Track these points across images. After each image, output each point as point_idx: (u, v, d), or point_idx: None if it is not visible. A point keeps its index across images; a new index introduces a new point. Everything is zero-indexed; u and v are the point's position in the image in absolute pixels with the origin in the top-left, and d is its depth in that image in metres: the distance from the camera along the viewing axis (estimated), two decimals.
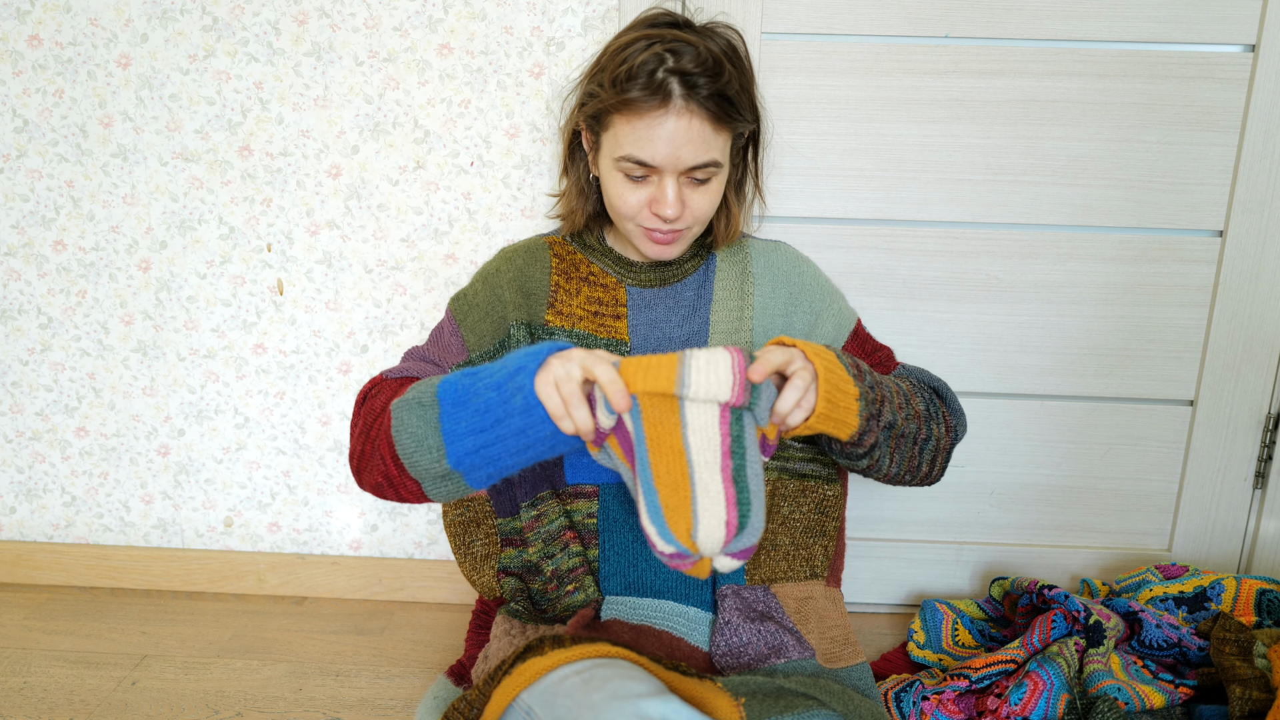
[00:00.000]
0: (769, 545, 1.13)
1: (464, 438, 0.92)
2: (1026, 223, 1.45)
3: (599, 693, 0.85)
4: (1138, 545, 1.58)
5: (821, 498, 1.15)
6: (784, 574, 1.12)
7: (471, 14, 1.41)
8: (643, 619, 1.08)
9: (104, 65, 1.45)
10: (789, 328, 1.15)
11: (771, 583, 1.12)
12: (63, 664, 1.42)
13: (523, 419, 0.90)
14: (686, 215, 1.06)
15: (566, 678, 0.90)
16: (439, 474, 0.96)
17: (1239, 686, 1.14)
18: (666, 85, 0.98)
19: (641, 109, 0.99)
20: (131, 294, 1.54)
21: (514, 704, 0.93)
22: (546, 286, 1.14)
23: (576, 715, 0.85)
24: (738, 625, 1.06)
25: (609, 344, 1.11)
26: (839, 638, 1.12)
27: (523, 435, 0.91)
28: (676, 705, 0.83)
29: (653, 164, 1.01)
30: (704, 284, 1.15)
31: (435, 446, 0.94)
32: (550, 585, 1.11)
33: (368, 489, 1.06)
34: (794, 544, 1.14)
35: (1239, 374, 1.48)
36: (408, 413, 0.97)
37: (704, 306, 1.14)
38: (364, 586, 1.64)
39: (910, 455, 1.07)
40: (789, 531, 1.14)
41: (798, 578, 1.13)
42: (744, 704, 0.89)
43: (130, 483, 1.63)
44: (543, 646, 0.95)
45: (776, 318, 1.15)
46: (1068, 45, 1.39)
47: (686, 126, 1.00)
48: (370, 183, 1.48)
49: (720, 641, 1.05)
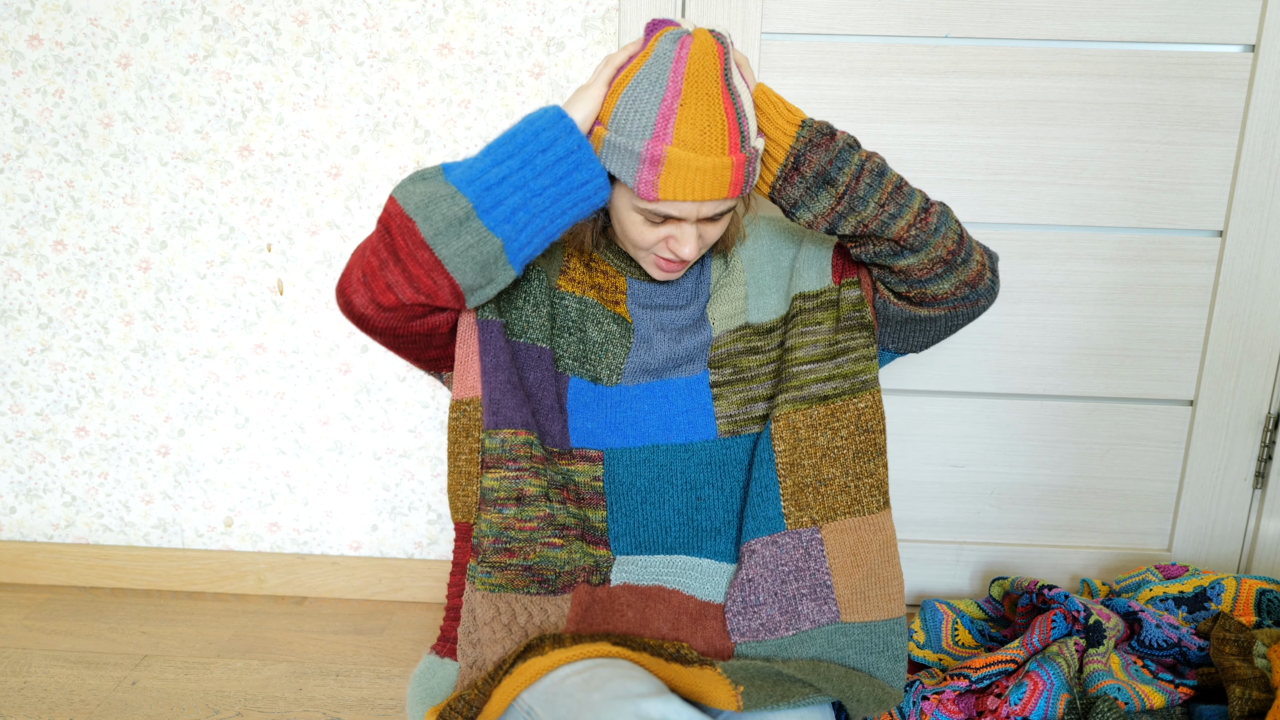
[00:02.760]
0: (816, 482, 1.08)
1: (473, 167, 0.94)
2: (1026, 223, 1.45)
3: (599, 692, 0.85)
4: (1138, 545, 1.58)
5: (856, 414, 1.09)
6: (846, 508, 1.07)
7: (471, 14, 1.41)
8: (655, 578, 1.07)
9: (104, 65, 1.45)
10: (779, 267, 1.15)
11: (827, 521, 1.07)
12: (63, 664, 1.42)
13: (544, 128, 0.93)
14: (700, 248, 1.06)
15: (567, 678, 0.90)
16: (451, 213, 0.93)
17: (1239, 686, 1.14)
18: None
19: None
20: (131, 294, 1.54)
21: (514, 704, 0.93)
22: (561, 256, 1.14)
23: (577, 715, 0.85)
24: (758, 583, 1.05)
25: (614, 317, 1.12)
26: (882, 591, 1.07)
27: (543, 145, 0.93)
28: (677, 705, 0.84)
29: (678, 216, 1.01)
30: (700, 274, 1.16)
31: (446, 190, 0.94)
32: (529, 524, 1.05)
33: (358, 292, 0.98)
34: (847, 474, 1.08)
35: (1239, 374, 1.48)
36: (408, 183, 0.96)
37: (703, 290, 1.15)
38: (364, 586, 1.64)
39: (912, 209, 0.99)
40: (837, 462, 1.08)
41: (868, 509, 1.08)
42: (743, 692, 0.90)
43: (130, 483, 1.63)
44: (543, 646, 0.95)
45: (765, 263, 1.16)
46: (1068, 45, 1.39)
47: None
48: (370, 183, 1.48)
49: (737, 597, 1.05)
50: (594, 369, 1.11)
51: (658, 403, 1.12)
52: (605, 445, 1.10)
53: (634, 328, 1.13)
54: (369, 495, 1.62)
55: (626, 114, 0.96)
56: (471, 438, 1.07)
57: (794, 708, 0.91)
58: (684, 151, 0.94)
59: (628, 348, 1.12)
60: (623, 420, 1.11)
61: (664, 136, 0.95)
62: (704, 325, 1.14)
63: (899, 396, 1.54)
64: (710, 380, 1.13)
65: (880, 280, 1.07)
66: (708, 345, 1.13)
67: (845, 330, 1.09)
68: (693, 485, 1.12)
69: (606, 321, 1.12)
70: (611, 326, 1.12)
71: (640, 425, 1.11)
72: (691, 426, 1.12)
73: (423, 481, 1.61)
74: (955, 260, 1.02)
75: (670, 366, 1.13)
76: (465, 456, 1.08)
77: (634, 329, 1.13)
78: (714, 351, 1.13)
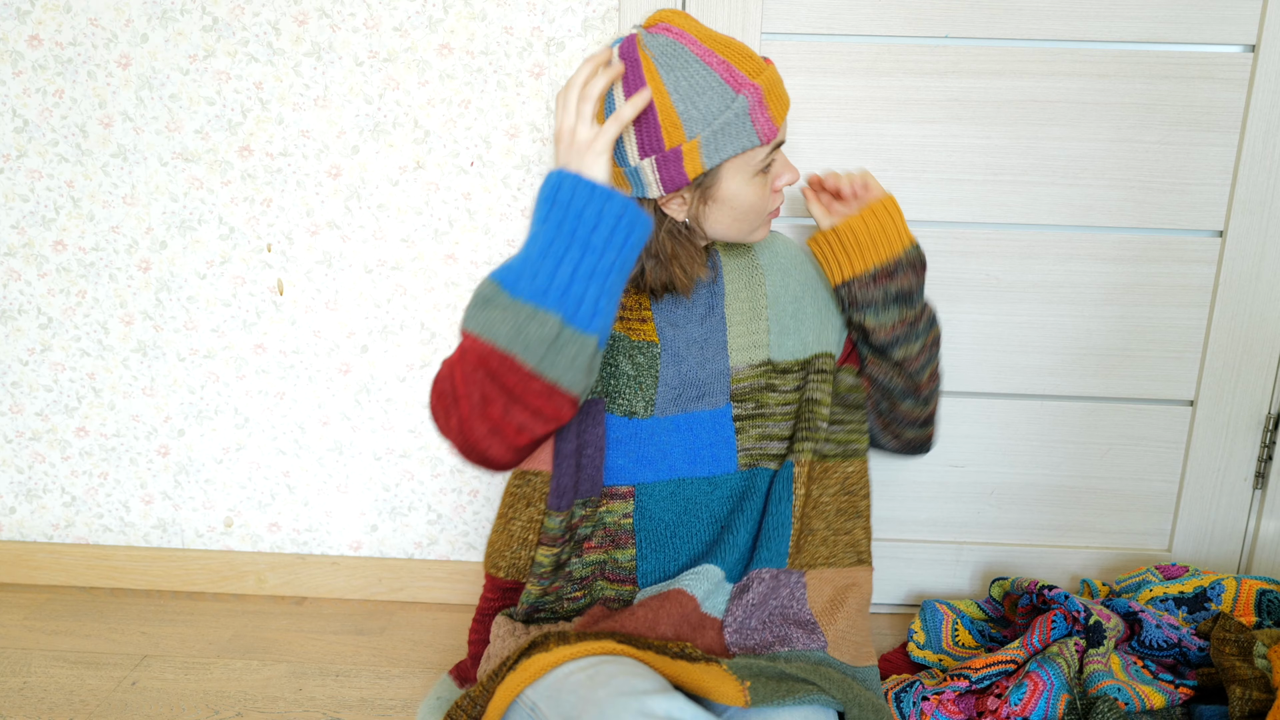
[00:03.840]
0: (806, 530, 1.13)
1: (538, 276, 0.90)
2: (1026, 223, 1.45)
3: (604, 688, 0.85)
4: (1138, 545, 1.58)
5: (843, 476, 1.16)
6: (824, 559, 1.13)
7: (471, 14, 1.41)
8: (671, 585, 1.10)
9: (104, 65, 1.45)
10: (800, 313, 1.17)
11: (810, 568, 1.12)
12: (63, 664, 1.42)
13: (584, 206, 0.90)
14: None
15: (572, 674, 0.90)
16: (545, 334, 0.90)
17: (1239, 687, 1.14)
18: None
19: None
20: (131, 294, 1.54)
21: (518, 700, 0.93)
22: None
23: (581, 711, 0.85)
24: (754, 609, 1.08)
25: (642, 345, 1.11)
26: (857, 641, 1.12)
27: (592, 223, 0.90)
28: (681, 702, 0.84)
29: (779, 142, 1.05)
30: (714, 282, 1.16)
31: (525, 310, 0.90)
32: (557, 585, 1.11)
33: (492, 446, 0.93)
34: (829, 528, 1.15)
35: (1239, 374, 1.49)
36: (479, 312, 0.92)
37: (718, 302, 1.15)
38: (364, 586, 1.64)
39: (932, 355, 1.15)
40: (821, 515, 1.14)
41: (842, 563, 1.14)
42: (749, 687, 0.91)
43: (130, 483, 1.63)
44: (547, 643, 0.95)
45: (788, 304, 1.17)
46: (1068, 45, 1.39)
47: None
48: (370, 183, 1.48)
49: (737, 615, 1.08)
50: (629, 403, 1.10)
51: (684, 435, 1.12)
52: (636, 480, 1.11)
53: (662, 348, 1.12)
54: (369, 495, 1.62)
55: (696, 102, 0.97)
56: (533, 508, 1.11)
57: (799, 704, 0.92)
58: (760, 77, 0.99)
59: (656, 376, 1.11)
60: (653, 454, 1.11)
61: (739, 80, 0.97)
62: (723, 353, 1.14)
63: None
64: (733, 414, 1.14)
65: (872, 401, 1.22)
66: (727, 374, 1.14)
67: (842, 407, 1.18)
68: (716, 518, 1.13)
69: (635, 353, 1.11)
70: (640, 357, 1.11)
71: (668, 459, 1.12)
72: (715, 460, 1.13)
73: (423, 482, 1.61)
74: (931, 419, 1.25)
75: (695, 394, 1.13)
76: (520, 523, 1.12)
77: (662, 349, 1.12)
78: (735, 384, 1.14)
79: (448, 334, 1.54)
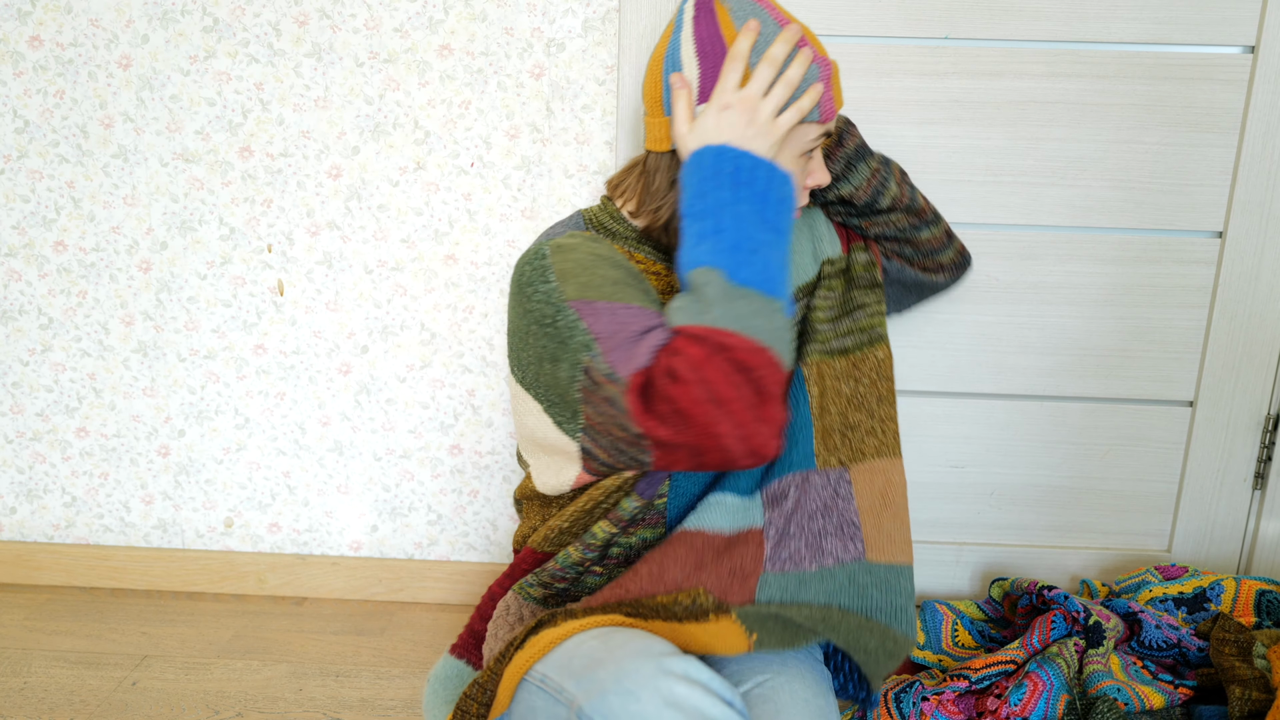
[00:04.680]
0: (843, 428, 1.11)
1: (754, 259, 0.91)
2: (1026, 223, 1.46)
3: (620, 650, 0.85)
4: (1137, 546, 1.58)
5: (876, 363, 1.14)
6: (873, 451, 1.11)
7: (472, 15, 1.41)
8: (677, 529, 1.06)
9: (105, 66, 1.45)
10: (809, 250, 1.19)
11: (853, 463, 1.10)
12: (63, 664, 1.42)
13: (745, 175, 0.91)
14: None
15: (583, 643, 0.89)
16: (782, 321, 0.91)
17: (1239, 687, 1.14)
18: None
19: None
20: (132, 294, 1.54)
21: (526, 677, 0.91)
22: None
23: (594, 668, 0.84)
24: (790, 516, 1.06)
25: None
26: (900, 538, 1.09)
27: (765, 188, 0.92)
28: (697, 664, 0.84)
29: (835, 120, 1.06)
30: None
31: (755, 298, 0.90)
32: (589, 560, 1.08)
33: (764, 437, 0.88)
34: (873, 417, 1.13)
35: (1239, 374, 1.49)
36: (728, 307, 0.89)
37: None
38: (364, 587, 1.64)
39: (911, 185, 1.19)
40: (862, 408, 1.13)
41: (891, 453, 1.12)
42: (755, 640, 0.94)
43: (130, 483, 1.63)
44: (555, 619, 0.94)
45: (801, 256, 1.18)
46: (1068, 46, 1.39)
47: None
48: (370, 183, 1.48)
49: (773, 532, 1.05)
50: None
51: None
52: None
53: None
54: (369, 496, 1.62)
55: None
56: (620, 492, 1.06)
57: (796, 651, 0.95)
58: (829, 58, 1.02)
59: None
60: None
61: (816, 52, 0.99)
62: None
63: (899, 397, 1.54)
64: None
65: (897, 254, 1.23)
66: None
67: (860, 289, 1.18)
68: None
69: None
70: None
71: None
72: None
73: (423, 482, 1.61)
74: (951, 232, 1.26)
75: None
76: (594, 498, 1.10)
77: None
78: None
79: (448, 334, 1.54)
